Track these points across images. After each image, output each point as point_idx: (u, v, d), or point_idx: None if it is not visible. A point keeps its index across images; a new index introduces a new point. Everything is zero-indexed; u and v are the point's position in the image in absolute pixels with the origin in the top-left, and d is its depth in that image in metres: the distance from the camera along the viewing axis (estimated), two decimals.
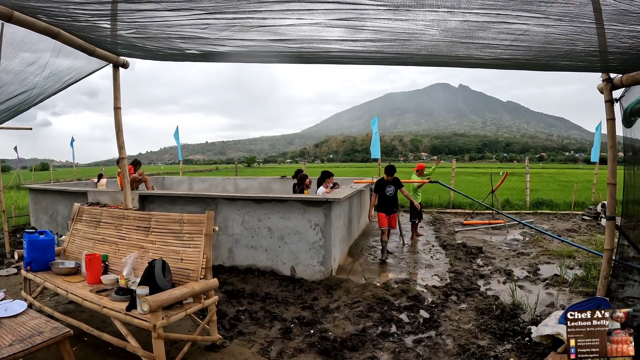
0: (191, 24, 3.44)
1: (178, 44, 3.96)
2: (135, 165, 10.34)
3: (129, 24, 3.66)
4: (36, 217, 11.94)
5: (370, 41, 3.50)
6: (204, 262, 4.22)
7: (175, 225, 4.65)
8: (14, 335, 2.87)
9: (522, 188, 18.46)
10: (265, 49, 3.90)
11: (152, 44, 4.12)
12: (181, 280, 4.21)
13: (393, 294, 6.09)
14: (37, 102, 6.45)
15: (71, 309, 5.48)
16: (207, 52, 4.15)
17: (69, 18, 3.75)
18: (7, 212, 9.58)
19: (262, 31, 3.45)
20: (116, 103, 5.44)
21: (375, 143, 14.95)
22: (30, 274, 5.11)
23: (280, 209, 7.06)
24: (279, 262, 7.06)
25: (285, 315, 5.35)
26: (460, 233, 11.22)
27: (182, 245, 4.48)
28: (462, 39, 3.34)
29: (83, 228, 5.78)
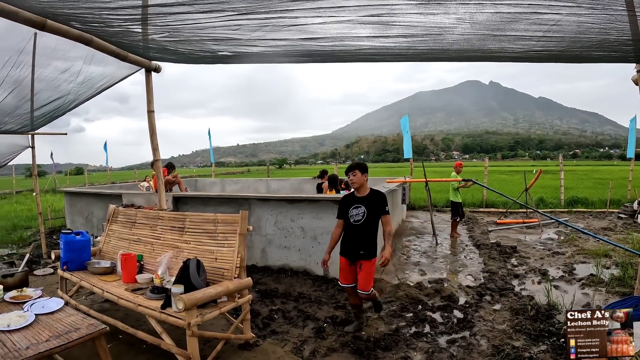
0: (223, 25, 3.45)
1: (210, 45, 3.98)
2: (169, 168, 10.49)
3: (162, 27, 3.70)
4: (72, 219, 12.20)
5: (402, 37, 3.46)
6: (238, 262, 4.24)
7: (210, 225, 4.69)
8: (51, 331, 2.92)
9: (556, 186, 18.08)
10: (296, 48, 3.89)
11: (185, 47, 4.15)
12: (215, 280, 4.25)
13: (426, 294, 6.03)
14: (72, 108, 6.59)
15: (106, 308, 5.59)
16: (239, 53, 4.17)
17: (102, 24, 3.81)
18: (44, 215, 9.84)
19: (293, 30, 3.44)
20: (149, 107, 5.52)
21: (407, 142, 14.82)
22: (66, 274, 5.22)
23: (313, 208, 7.03)
24: (312, 262, 7.05)
25: (318, 315, 5.35)
26: (494, 232, 11.05)
27: (217, 244, 4.52)
28: (494, 32, 3.28)
29: (118, 229, 5.89)
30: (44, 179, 34.68)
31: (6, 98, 5.82)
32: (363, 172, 4.77)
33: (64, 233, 5.32)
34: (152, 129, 5.53)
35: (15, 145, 9.33)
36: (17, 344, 2.72)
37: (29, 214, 16.58)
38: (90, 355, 4.17)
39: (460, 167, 10.41)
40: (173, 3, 3.15)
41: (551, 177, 25.32)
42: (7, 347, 2.68)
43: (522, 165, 70.19)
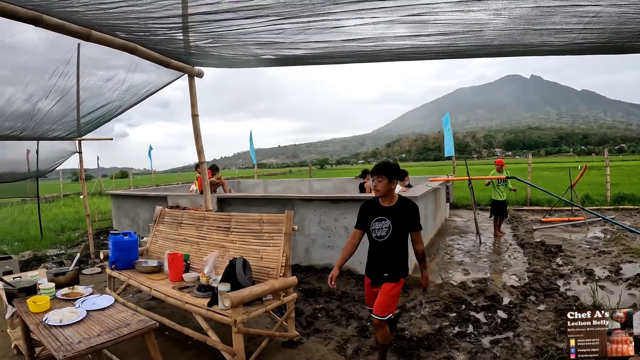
0: (266, 29, 3.52)
1: (253, 50, 4.06)
2: (213, 170, 10.68)
3: (205, 34, 3.80)
4: (118, 220, 12.53)
5: (443, 35, 3.45)
6: (283, 260, 4.31)
7: (255, 225, 4.78)
8: (102, 327, 3.03)
9: (602, 182, 17.44)
10: (338, 50, 3.93)
11: (228, 52, 4.25)
12: (261, 278, 4.33)
13: (470, 294, 5.97)
14: (117, 114, 6.81)
15: (153, 305, 5.78)
16: (282, 56, 4.24)
17: (146, 33, 3.94)
18: (91, 217, 10.16)
19: (336, 32, 3.48)
20: (193, 111, 5.68)
21: (449, 140, 14.63)
22: (115, 272, 5.42)
23: (357, 208, 6.92)
24: (356, 261, 7.01)
25: (361, 314, 5.37)
26: (539, 231, 10.81)
27: (262, 244, 4.61)
28: (535, 25, 3.24)
29: (165, 229, 6.06)
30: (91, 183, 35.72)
31: (54, 107, 6.07)
32: (391, 178, 3.70)
33: (113, 234, 5.52)
34: (196, 132, 5.68)
35: (63, 151, 9.67)
36: (69, 338, 2.83)
37: (76, 216, 17.10)
38: (137, 351, 4.34)
39: (500, 165, 10.21)
40: (217, 10, 3.23)
41: (596, 173, 24.53)
42: (60, 341, 2.78)
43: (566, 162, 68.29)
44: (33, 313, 3.35)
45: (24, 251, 10.80)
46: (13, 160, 9.55)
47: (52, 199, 29.63)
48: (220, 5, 3.14)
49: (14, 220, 17.31)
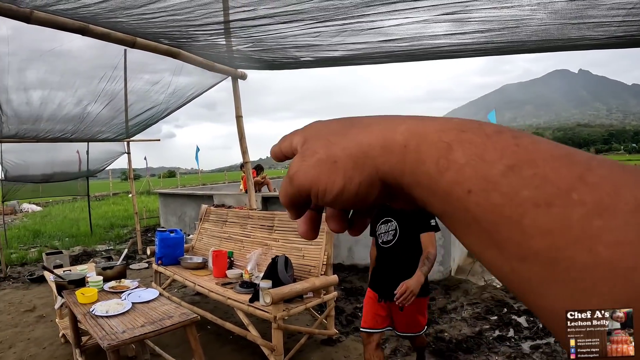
0: (303, 33, 3.57)
1: (292, 52, 4.14)
2: (258, 170, 10.85)
3: (245, 39, 3.91)
4: (165, 218, 12.87)
5: (479, 32, 3.43)
6: (325, 259, 4.36)
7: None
8: (146, 318, 3.15)
9: None
10: (375, 50, 3.96)
11: (268, 55, 4.35)
12: (302, 276, 4.40)
13: (513, 297, 5.88)
14: (164, 116, 7.04)
15: (196, 300, 5.94)
16: (320, 58, 4.30)
17: (188, 39, 4.08)
18: (139, 214, 10.49)
19: (371, 33, 3.50)
20: (237, 112, 5.83)
21: None
22: (160, 268, 5.63)
23: None
24: None
25: None
26: None
27: (304, 242, 4.68)
28: (572, 19, 3.19)
29: (210, 227, 6.24)
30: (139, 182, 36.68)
31: (103, 110, 6.34)
32: None
33: (160, 231, 5.74)
34: (241, 133, 5.84)
35: (112, 152, 10.00)
36: (114, 328, 2.97)
37: (125, 214, 17.62)
38: (179, 343, 4.50)
39: None
40: (255, 17, 3.32)
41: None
42: (105, 330, 2.92)
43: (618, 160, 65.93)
44: (81, 304, 3.51)
45: (74, 247, 11.31)
46: (64, 161, 9.94)
47: (101, 198, 30.55)
48: (257, 11, 3.22)
49: (65, 217, 18.01)
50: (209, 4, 3.18)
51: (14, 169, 9.26)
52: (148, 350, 4.26)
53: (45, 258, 6.94)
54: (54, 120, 6.38)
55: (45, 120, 6.26)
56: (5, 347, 4.94)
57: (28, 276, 8.03)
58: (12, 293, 7.18)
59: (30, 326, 5.56)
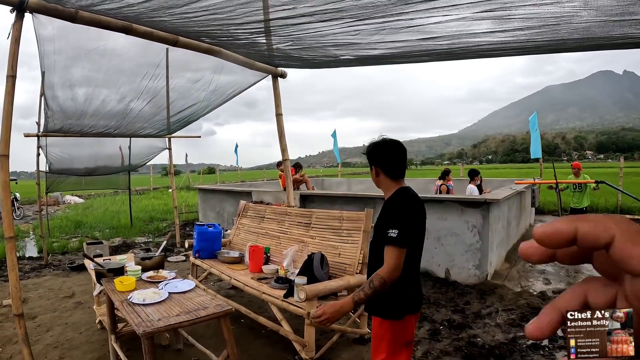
0: (343, 31, 3.57)
1: (332, 51, 4.15)
2: (297, 168, 10.92)
3: (285, 37, 3.93)
4: (204, 213, 13.06)
5: (519, 30, 3.37)
6: (360, 258, 4.37)
7: (335, 222, 4.90)
8: (181, 308, 3.21)
9: None
10: (415, 49, 3.92)
11: (308, 53, 4.38)
12: (337, 274, 4.43)
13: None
14: (205, 114, 7.18)
15: (232, 294, 6.05)
16: (360, 56, 4.29)
17: (229, 37, 4.15)
18: (178, 209, 10.70)
19: (410, 31, 3.47)
20: (277, 110, 5.92)
21: (535, 141, 14.03)
22: (198, 261, 5.75)
23: (438, 209, 6.93)
24: (434, 263, 6.98)
25: (435, 317, 5.34)
26: None
27: (341, 240, 4.71)
28: (614, 17, 3.10)
29: (248, 223, 6.35)
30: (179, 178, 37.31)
31: (145, 107, 6.50)
32: (371, 163, 2.68)
33: (198, 225, 5.85)
34: (280, 131, 5.91)
35: (154, 147, 10.24)
36: (150, 316, 3.03)
37: (165, 208, 17.95)
38: (212, 334, 4.63)
39: (577, 169, 9.54)
40: (294, 15, 3.35)
41: None
42: (141, 318, 2.99)
43: None
44: (119, 291, 3.59)
45: (114, 238, 11.62)
46: (108, 155, 10.27)
47: (142, 192, 31.18)
48: (296, 9, 3.24)
49: (106, 209, 18.47)
50: (249, 3, 3.22)
51: (58, 162, 9.55)
52: (182, 339, 4.36)
53: (86, 247, 7.13)
54: (97, 116, 6.56)
55: (89, 115, 6.43)
56: (43, 330, 5.14)
57: (68, 264, 8.30)
58: (52, 280, 7.44)
59: (68, 311, 5.77)
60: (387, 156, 2.59)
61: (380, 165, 2.60)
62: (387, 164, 2.59)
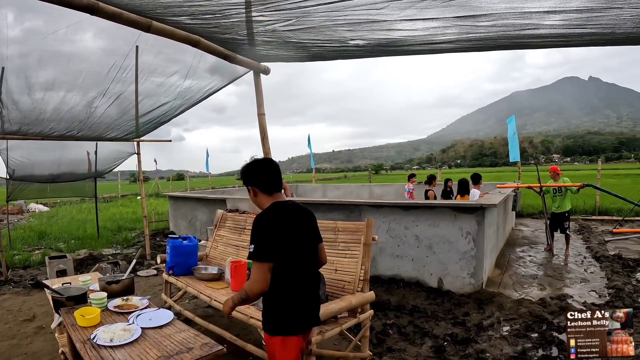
0: (366, 2, 2.93)
1: (343, 32, 3.54)
2: None
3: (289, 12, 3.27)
4: (175, 222, 12.55)
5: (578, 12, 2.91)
6: (362, 274, 3.91)
7: (329, 234, 4.34)
8: (159, 350, 2.66)
9: None
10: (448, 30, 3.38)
11: (310, 37, 3.76)
12: (334, 293, 3.95)
13: (551, 312, 5.43)
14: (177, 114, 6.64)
15: (210, 313, 5.54)
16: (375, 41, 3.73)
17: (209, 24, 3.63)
18: (148, 218, 10.14)
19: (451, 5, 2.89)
20: (260, 109, 5.30)
21: (513, 145, 13.96)
22: (172, 278, 5.18)
23: (430, 216, 6.62)
24: (426, 272, 6.65)
25: (436, 332, 4.93)
26: (611, 243, 10.05)
27: (336, 254, 4.21)
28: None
29: (226, 234, 5.78)
30: (148, 184, 36.60)
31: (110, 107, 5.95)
32: (247, 184, 2.80)
33: (171, 237, 5.28)
34: (263, 132, 5.31)
35: (121, 152, 9.78)
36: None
37: (133, 217, 17.32)
38: None
39: (555, 173, 9.21)
40: None
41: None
42: None
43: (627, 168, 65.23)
44: (81, 327, 3.05)
45: (80, 249, 10.89)
46: (72, 161, 9.76)
47: (110, 199, 30.42)
48: None
49: (72, 218, 17.75)
50: None
51: (20, 168, 9.00)
52: None
53: (49, 262, 6.70)
54: (58, 117, 5.99)
55: (48, 115, 5.88)
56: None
57: (29, 281, 7.67)
58: (11, 299, 6.79)
59: (28, 338, 5.16)
60: (260, 174, 2.72)
61: (255, 184, 2.71)
62: (261, 182, 2.70)
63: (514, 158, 13.83)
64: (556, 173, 9.16)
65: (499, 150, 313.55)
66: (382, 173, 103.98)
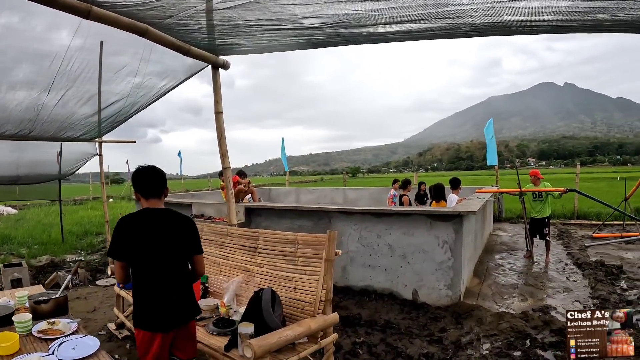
0: None
1: (291, 8, 3.01)
2: (240, 176, 9.89)
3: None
4: None
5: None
6: (323, 294, 3.44)
7: (288, 247, 3.90)
8: None
9: None
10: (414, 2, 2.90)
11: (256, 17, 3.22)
12: (293, 315, 3.50)
13: (534, 326, 5.06)
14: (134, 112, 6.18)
15: None
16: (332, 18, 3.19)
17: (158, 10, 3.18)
18: (112, 223, 9.67)
19: None
20: (217, 107, 4.84)
21: (491, 148, 13.79)
22: (123, 292, 4.78)
23: (404, 223, 6.22)
24: (400, 283, 6.25)
25: (410, 351, 4.51)
26: (592, 248, 9.81)
27: (296, 271, 3.74)
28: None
29: None
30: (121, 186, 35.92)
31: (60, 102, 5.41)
32: (134, 190, 3.00)
33: None
34: (220, 132, 4.84)
35: (83, 153, 9.35)
36: None
37: (102, 220, 16.68)
38: None
39: (535, 177, 8.84)
40: None
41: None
42: None
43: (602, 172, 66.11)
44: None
45: (42, 255, 10.30)
46: (32, 162, 9.23)
47: (80, 202, 29.59)
48: None
49: (38, 222, 17.09)
50: None
51: None
52: None
53: (2, 270, 6.44)
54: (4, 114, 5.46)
55: None
56: None
57: None
58: None
59: None
60: (139, 181, 2.92)
61: (136, 189, 2.93)
62: (139, 187, 2.91)
63: (491, 161, 13.69)
64: (537, 177, 8.83)
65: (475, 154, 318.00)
66: (359, 176, 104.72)
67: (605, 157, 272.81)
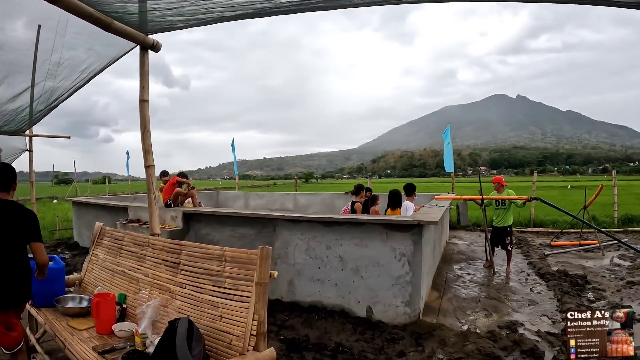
0: None
1: None
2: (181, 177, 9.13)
3: None
4: (79, 231, 11.49)
5: None
6: (254, 326, 2.71)
7: (214, 264, 3.20)
8: None
9: (606, 203, 16.28)
10: None
11: None
12: (219, 350, 2.81)
13: (503, 347, 4.56)
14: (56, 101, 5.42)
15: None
16: None
17: None
18: (52, 226, 8.93)
19: None
20: (142, 95, 4.15)
21: (448, 155, 13.57)
22: (33, 310, 3.99)
23: (356, 233, 5.65)
24: (352, 299, 5.65)
25: None
26: (552, 257, 9.55)
27: (222, 294, 3.02)
28: None
29: (103, 255, 4.55)
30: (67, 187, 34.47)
31: None
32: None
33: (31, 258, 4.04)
34: (144, 124, 4.14)
35: (10, 148, 8.61)
36: None
37: (42, 223, 15.58)
38: None
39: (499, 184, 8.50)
40: None
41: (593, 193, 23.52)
42: None
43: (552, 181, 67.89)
44: None
45: None
46: None
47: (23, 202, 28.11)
48: None
49: None
50: None
51: None
52: None
53: None
54: None
55: None
56: None
57: None
58: None
59: None
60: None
61: None
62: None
63: (449, 168, 13.52)
64: (500, 184, 8.46)
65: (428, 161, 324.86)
66: (312, 182, 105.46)
67: (555, 167, 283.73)
